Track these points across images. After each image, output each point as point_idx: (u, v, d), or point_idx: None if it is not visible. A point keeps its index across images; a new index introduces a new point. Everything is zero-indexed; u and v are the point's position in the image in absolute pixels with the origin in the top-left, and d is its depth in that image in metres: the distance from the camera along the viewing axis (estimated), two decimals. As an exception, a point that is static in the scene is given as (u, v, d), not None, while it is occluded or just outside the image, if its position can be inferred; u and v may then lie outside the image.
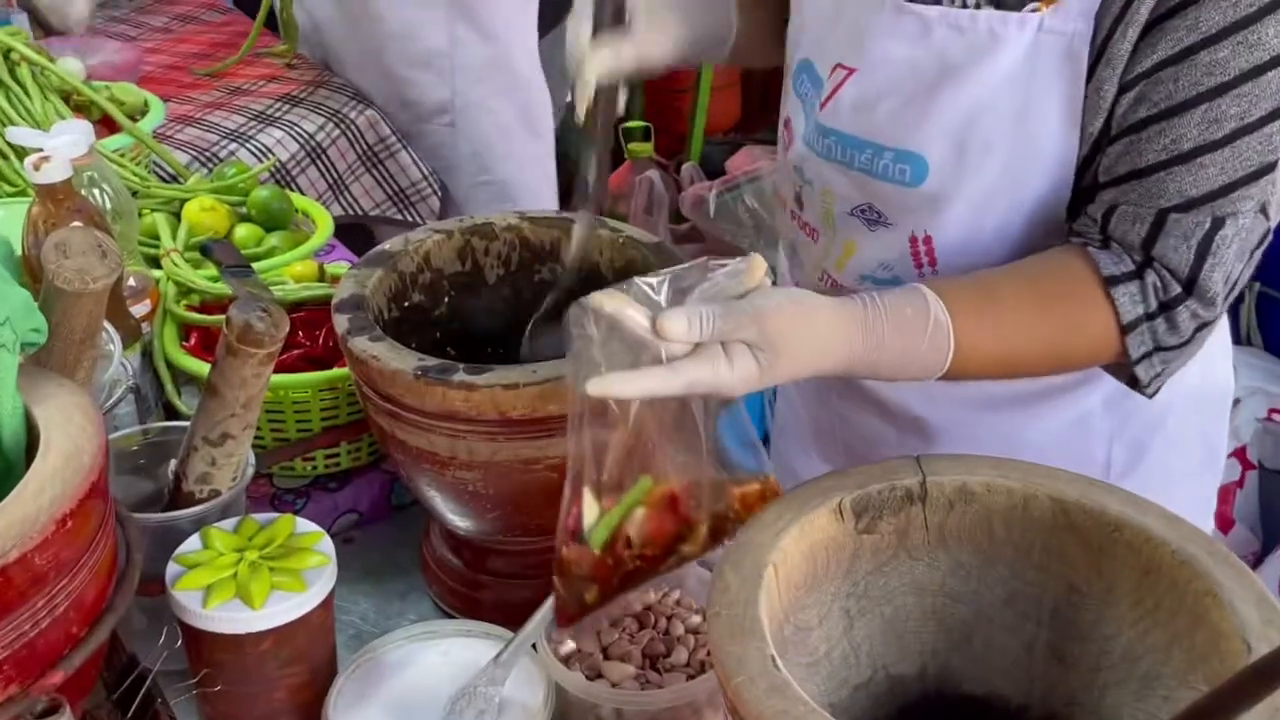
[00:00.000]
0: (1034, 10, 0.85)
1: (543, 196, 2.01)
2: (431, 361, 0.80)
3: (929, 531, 0.67)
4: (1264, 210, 0.85)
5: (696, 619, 0.86)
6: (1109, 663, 0.65)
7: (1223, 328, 1.07)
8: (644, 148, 3.18)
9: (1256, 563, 1.68)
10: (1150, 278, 0.85)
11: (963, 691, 0.69)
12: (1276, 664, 0.47)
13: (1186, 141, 0.83)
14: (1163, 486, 0.99)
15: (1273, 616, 0.55)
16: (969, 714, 0.69)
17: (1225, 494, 1.68)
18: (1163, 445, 1.07)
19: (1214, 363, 1.08)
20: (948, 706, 0.69)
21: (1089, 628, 0.66)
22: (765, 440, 2.39)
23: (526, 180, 1.98)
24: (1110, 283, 0.84)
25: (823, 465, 1.14)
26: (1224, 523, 1.68)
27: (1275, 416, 1.66)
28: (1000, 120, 0.88)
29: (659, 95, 3.41)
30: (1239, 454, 1.68)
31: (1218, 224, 0.83)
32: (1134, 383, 0.88)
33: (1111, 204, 0.85)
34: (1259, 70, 0.80)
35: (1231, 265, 0.85)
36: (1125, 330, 0.84)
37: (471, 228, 1.00)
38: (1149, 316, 0.85)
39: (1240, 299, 1.67)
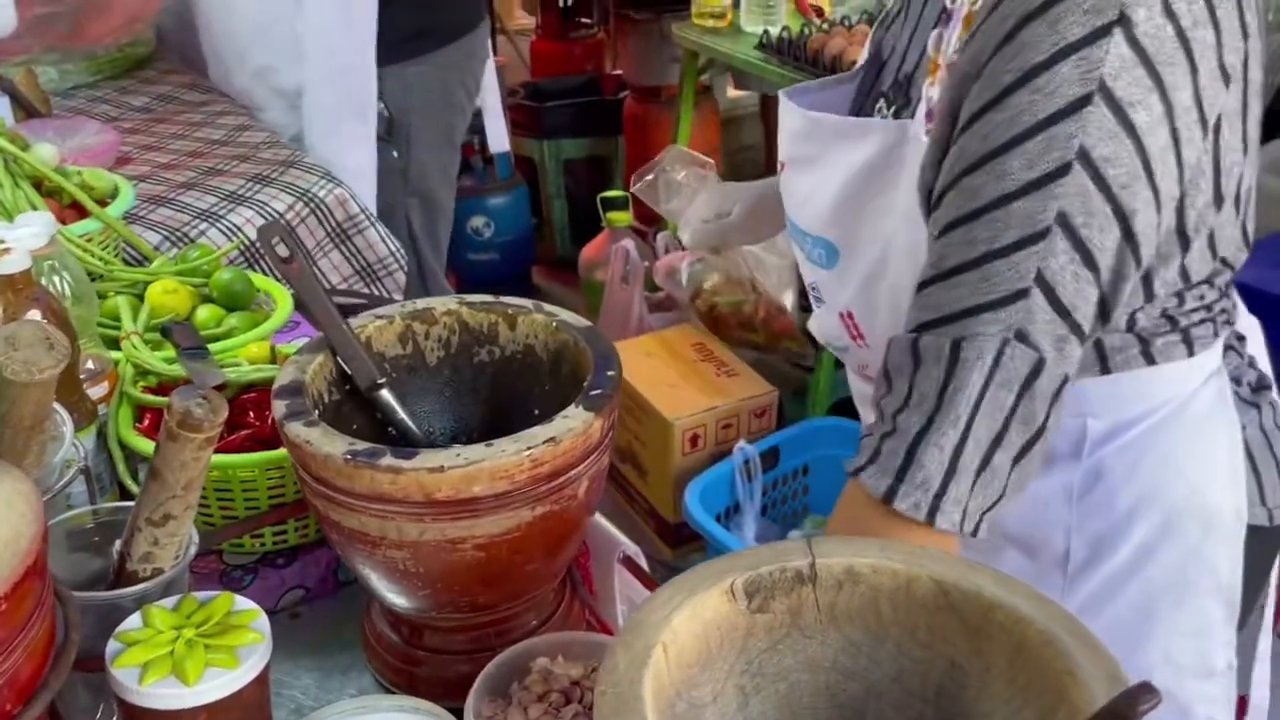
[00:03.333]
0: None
1: (361, 171, 2.15)
2: (361, 446, 0.85)
3: (820, 611, 0.71)
4: (1026, 340, 0.85)
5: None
6: (988, 738, 0.68)
7: (1232, 454, 1.07)
8: (622, 217, 3.26)
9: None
10: (890, 442, 0.87)
11: (856, 765, 0.73)
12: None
13: (945, 263, 0.88)
14: (1142, 602, 1.06)
15: (1114, 684, 0.59)
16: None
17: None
18: (1132, 555, 1.06)
19: (1209, 484, 1.06)
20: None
21: (970, 704, 0.69)
22: (735, 508, 2.43)
23: (346, 163, 2.11)
24: (856, 474, 0.89)
25: None
26: None
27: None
28: (884, 213, 0.97)
29: (638, 165, 3.50)
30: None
31: (955, 346, 0.85)
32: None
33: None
34: (1007, 199, 0.85)
35: (971, 380, 0.85)
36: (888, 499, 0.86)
37: (412, 313, 1.04)
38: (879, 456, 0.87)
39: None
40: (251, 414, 1.11)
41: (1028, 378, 0.85)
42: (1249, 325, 1.14)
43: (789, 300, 2.57)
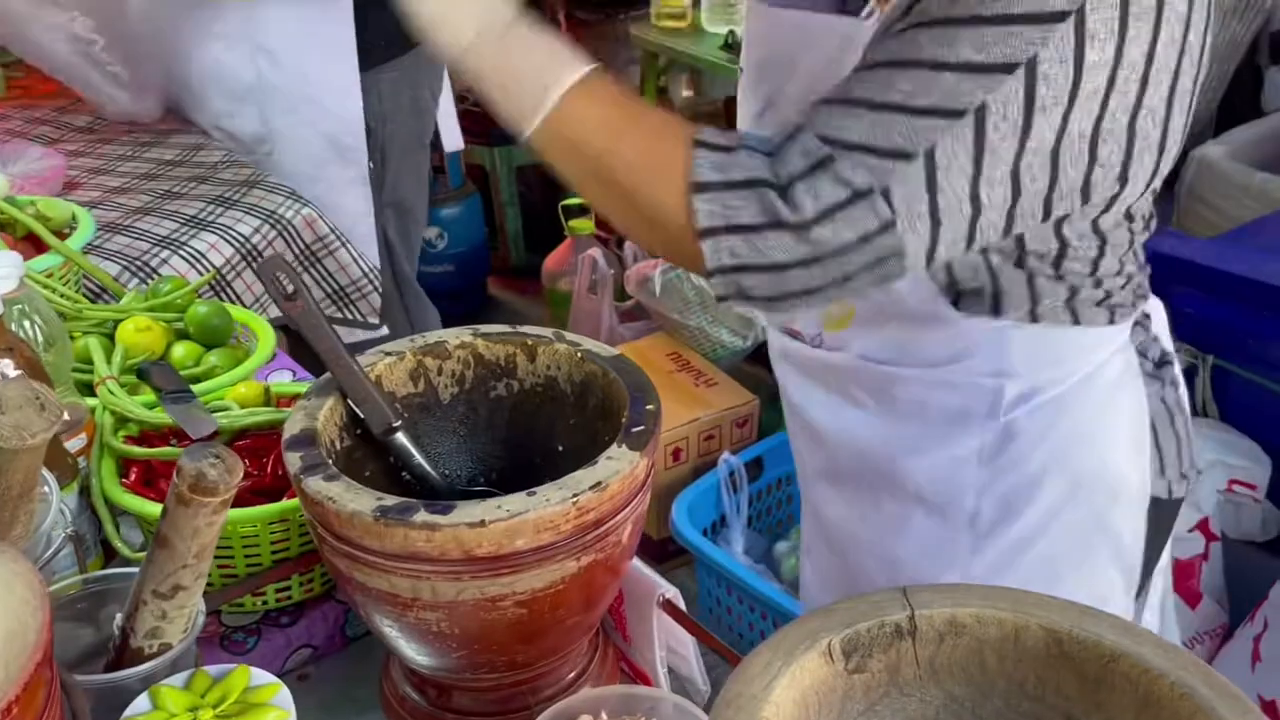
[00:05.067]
0: (870, 14, 0.95)
1: (359, 215, 2.13)
2: (391, 501, 0.79)
3: (920, 666, 0.67)
4: (888, 198, 0.86)
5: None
6: (1112, 796, 0.64)
7: (1138, 425, 1.11)
8: (584, 224, 3.21)
9: (1225, 636, 1.70)
10: (742, 155, 0.88)
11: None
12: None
13: (857, 90, 0.88)
14: (1046, 567, 1.10)
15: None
16: None
17: (1190, 568, 1.70)
18: (1039, 518, 1.10)
19: (1115, 453, 1.10)
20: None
21: (1089, 760, 0.65)
22: (722, 521, 2.39)
23: (341, 203, 2.09)
24: (696, 144, 0.88)
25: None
26: (1191, 596, 1.70)
27: (1235, 487, 1.68)
28: None
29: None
30: (1202, 526, 1.70)
31: (828, 161, 0.86)
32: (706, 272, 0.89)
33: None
34: (942, 66, 0.85)
35: (825, 207, 0.86)
36: (696, 189, 0.87)
37: (424, 348, 0.98)
38: (726, 186, 0.87)
39: (1195, 372, 1.71)
40: (248, 462, 1.04)
41: (875, 231, 0.87)
42: (1153, 305, 1.17)
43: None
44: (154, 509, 1.00)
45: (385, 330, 2.02)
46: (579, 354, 0.97)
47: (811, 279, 0.89)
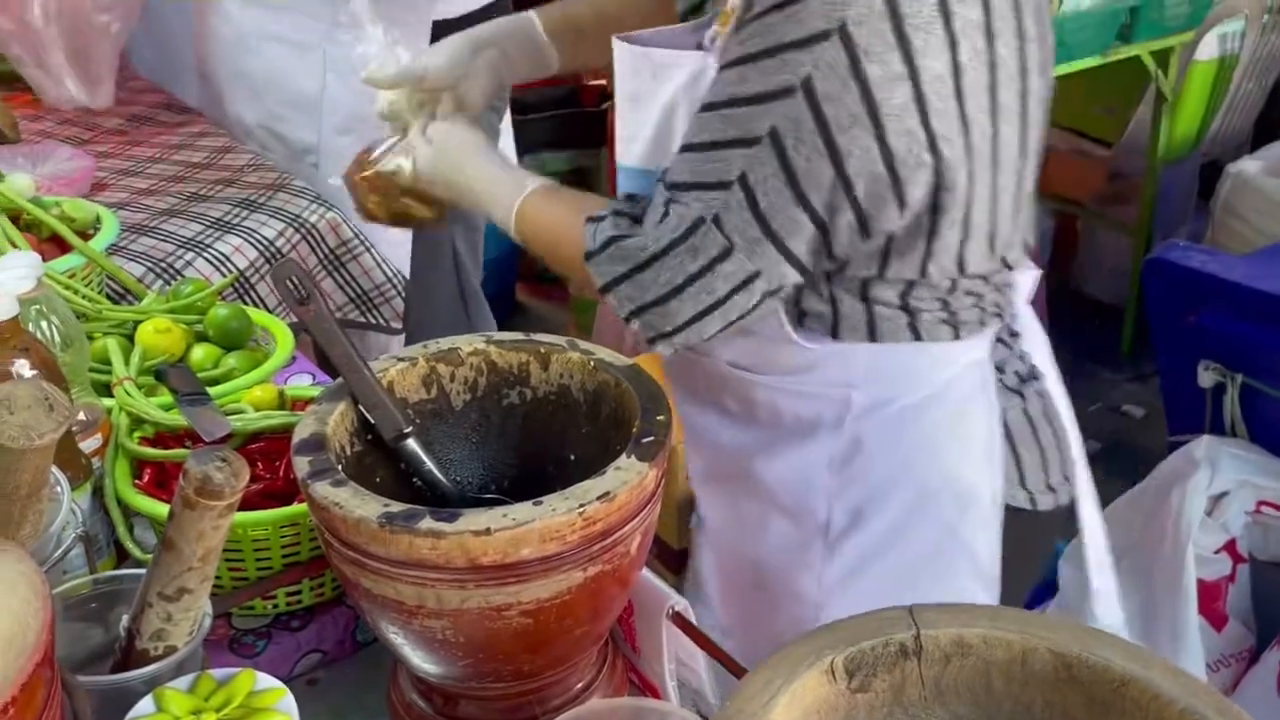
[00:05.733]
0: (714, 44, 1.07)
1: (393, 235, 2.08)
2: (397, 508, 0.79)
3: (925, 687, 0.66)
4: (720, 226, 0.99)
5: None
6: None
7: (990, 438, 1.16)
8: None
9: (1252, 659, 1.67)
10: (608, 221, 1.06)
11: None
12: None
13: (689, 135, 1.03)
14: (902, 576, 1.14)
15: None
16: None
17: (1216, 590, 1.67)
18: (889, 527, 1.14)
19: (965, 465, 1.15)
20: None
21: (1096, 786, 0.64)
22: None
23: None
24: (586, 220, 1.07)
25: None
26: (1217, 619, 1.67)
27: (1264, 509, 1.66)
28: None
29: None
30: (1229, 548, 1.67)
31: (671, 203, 1.02)
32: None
33: None
34: (738, 101, 0.98)
35: (669, 240, 1.01)
36: (586, 258, 1.05)
37: (437, 354, 0.98)
38: (602, 249, 1.05)
39: (1223, 390, 1.69)
40: (260, 465, 1.04)
41: (715, 257, 1.00)
42: (1026, 324, 1.22)
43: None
44: (166, 511, 1.00)
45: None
46: (592, 363, 0.96)
47: (685, 309, 1.02)
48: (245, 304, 1.53)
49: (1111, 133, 3.35)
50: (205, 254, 1.67)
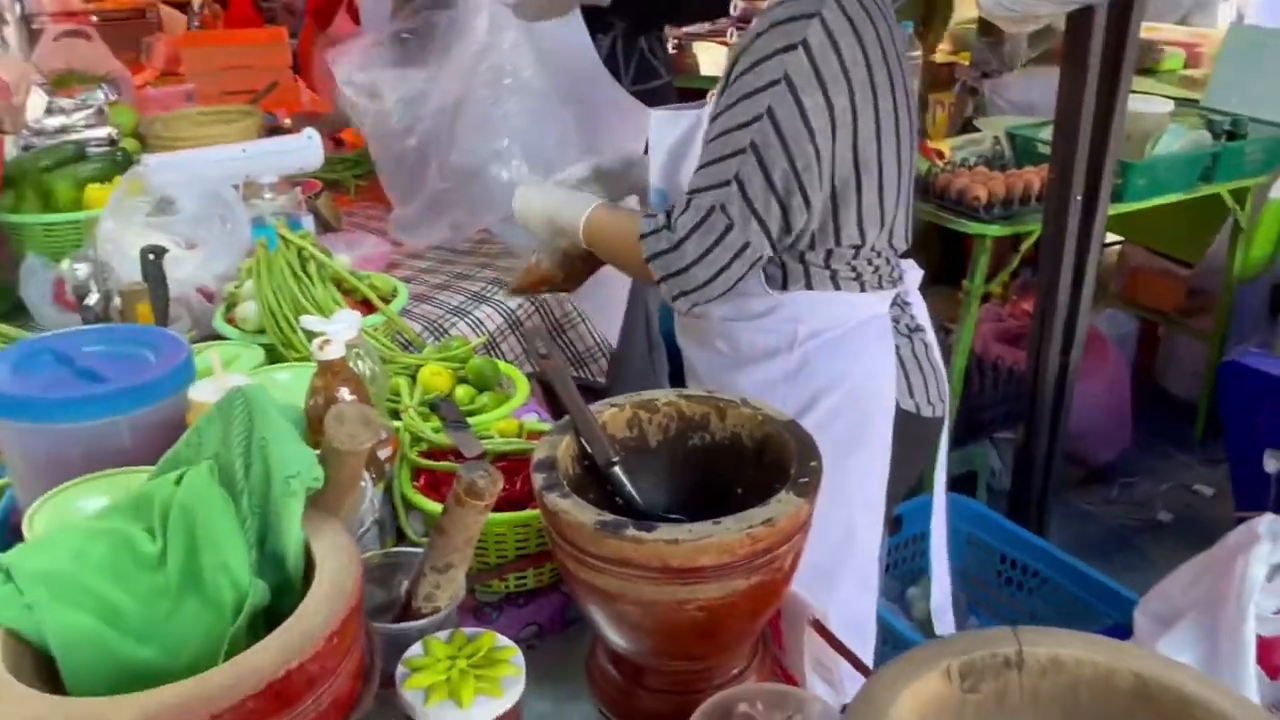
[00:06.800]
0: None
1: (616, 302, 2.13)
2: (608, 518, 0.82)
3: (1023, 694, 0.64)
4: (725, 211, 1.21)
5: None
6: (1186, 826, 0.60)
7: (889, 361, 1.36)
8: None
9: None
10: (652, 236, 1.26)
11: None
12: None
13: (702, 159, 1.24)
14: (836, 448, 1.22)
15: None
16: None
17: (1273, 645, 1.54)
18: (827, 415, 1.32)
19: (873, 376, 1.35)
20: None
21: (1166, 791, 0.62)
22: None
23: (609, 294, 2.06)
24: (640, 238, 1.27)
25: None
26: (1272, 671, 1.54)
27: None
28: (688, 169, 1.33)
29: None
30: (1289, 611, 1.55)
31: (689, 204, 1.24)
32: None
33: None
34: (731, 129, 1.21)
35: (689, 228, 1.23)
36: (647, 260, 1.26)
37: (638, 403, 1.01)
38: (654, 256, 1.25)
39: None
40: (503, 478, 1.09)
41: (722, 233, 1.22)
42: (916, 301, 1.42)
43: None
44: (435, 507, 1.06)
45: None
46: (760, 417, 0.98)
47: (700, 274, 1.23)
48: (493, 357, 1.61)
49: (1194, 254, 3.18)
50: (466, 319, 1.76)
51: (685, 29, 3.88)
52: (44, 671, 0.69)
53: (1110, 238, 3.15)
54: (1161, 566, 1.76)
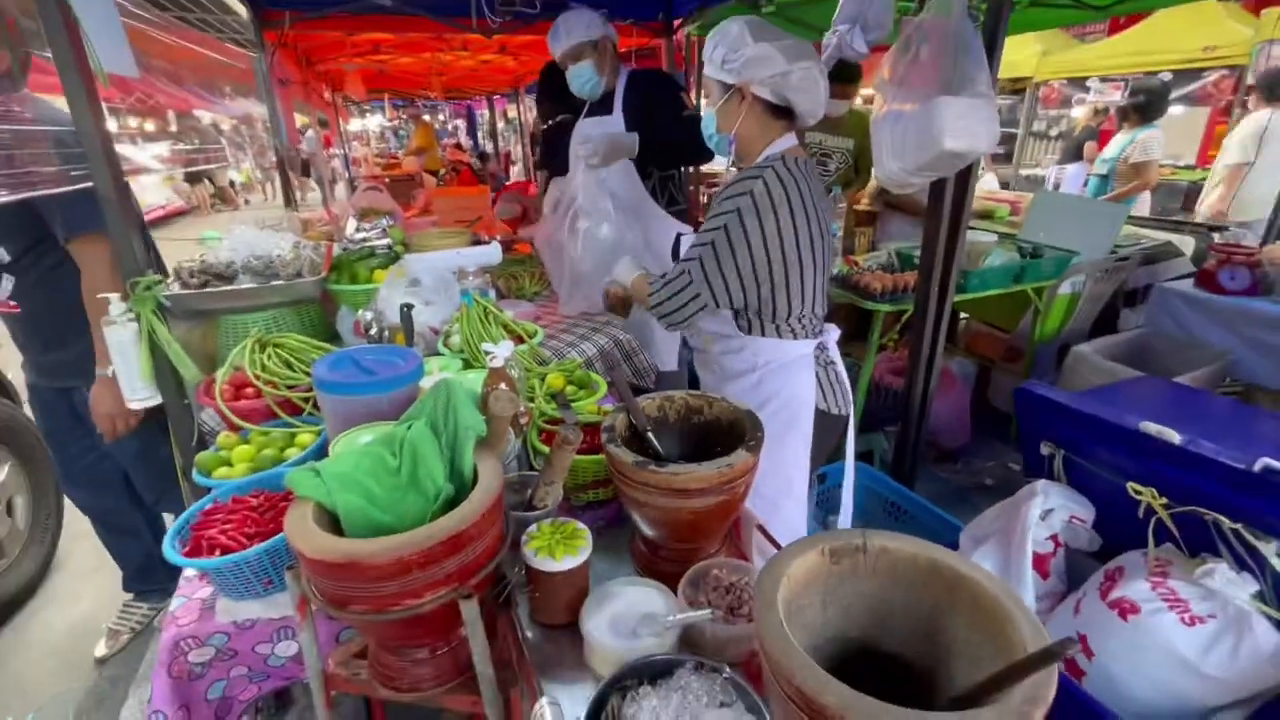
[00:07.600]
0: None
1: (670, 349, 2.01)
2: (641, 459, 0.84)
3: (866, 567, 0.65)
4: (691, 282, 1.20)
5: (754, 593, 0.84)
6: (956, 648, 0.61)
7: (810, 379, 1.28)
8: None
9: (1061, 599, 1.47)
10: (658, 281, 1.25)
11: (880, 649, 0.66)
12: (1035, 659, 0.45)
13: (689, 245, 1.23)
14: (779, 437, 1.28)
15: (1038, 635, 0.52)
16: (882, 662, 0.66)
17: (1045, 559, 1.49)
18: (774, 412, 1.28)
19: (802, 389, 1.29)
20: (871, 657, 0.66)
21: (945, 629, 0.62)
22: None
23: (666, 340, 1.97)
24: (649, 295, 1.27)
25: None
26: (1044, 574, 1.48)
27: (1073, 520, 1.48)
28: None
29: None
30: (1053, 539, 1.49)
31: (679, 269, 1.22)
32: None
33: None
34: (703, 235, 1.18)
35: (667, 281, 1.23)
36: (651, 308, 1.26)
37: (664, 398, 1.02)
38: (653, 284, 1.24)
39: (1054, 458, 1.53)
40: (586, 437, 1.11)
41: (683, 288, 1.21)
42: (832, 347, 1.33)
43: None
44: (546, 450, 1.09)
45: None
46: (733, 408, 0.98)
47: (668, 307, 1.23)
48: (589, 371, 1.62)
49: (1011, 325, 3.09)
50: (575, 349, 1.74)
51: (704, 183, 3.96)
52: (333, 526, 0.76)
53: (960, 315, 3.09)
54: (985, 511, 1.71)
